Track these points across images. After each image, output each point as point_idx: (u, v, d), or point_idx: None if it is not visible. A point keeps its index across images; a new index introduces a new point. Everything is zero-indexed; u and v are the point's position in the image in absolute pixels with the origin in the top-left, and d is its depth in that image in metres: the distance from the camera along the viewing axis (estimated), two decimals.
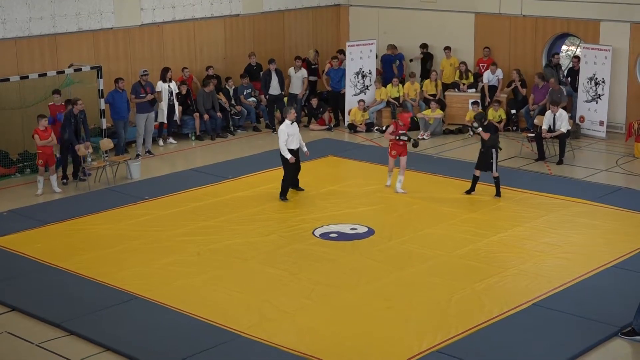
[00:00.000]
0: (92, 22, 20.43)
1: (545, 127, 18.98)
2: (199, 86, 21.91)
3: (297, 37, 24.63)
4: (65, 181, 17.96)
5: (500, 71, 22.12)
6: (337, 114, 22.93)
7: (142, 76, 19.91)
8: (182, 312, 11.83)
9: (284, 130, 16.24)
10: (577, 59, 21.80)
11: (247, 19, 23.46)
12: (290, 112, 16.34)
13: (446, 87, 22.89)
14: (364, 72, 22.78)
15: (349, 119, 22.38)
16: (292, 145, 16.29)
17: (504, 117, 21.42)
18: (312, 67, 23.81)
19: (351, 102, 22.54)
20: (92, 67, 19.29)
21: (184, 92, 21.17)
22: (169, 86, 20.68)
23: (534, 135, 19.39)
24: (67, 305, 12.14)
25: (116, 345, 10.98)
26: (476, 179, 16.59)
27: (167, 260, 13.71)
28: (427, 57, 23.83)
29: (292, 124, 16.29)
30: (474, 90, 22.44)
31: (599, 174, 18.15)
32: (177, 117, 20.99)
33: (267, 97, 22.28)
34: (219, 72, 22.53)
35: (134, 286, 12.67)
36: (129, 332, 11.35)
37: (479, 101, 21.66)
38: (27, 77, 18.55)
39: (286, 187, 16.46)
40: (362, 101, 22.28)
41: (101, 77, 19.10)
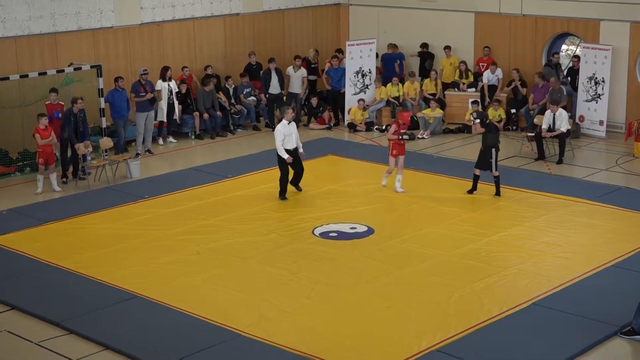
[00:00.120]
0: (92, 20, 20.43)
1: (545, 126, 18.98)
2: (198, 85, 21.91)
3: (297, 36, 24.62)
4: (65, 180, 17.96)
5: (500, 71, 22.11)
6: (337, 113, 22.93)
7: (141, 75, 19.90)
8: (182, 311, 11.83)
9: (280, 130, 16.19)
10: (577, 58, 21.80)
11: (247, 18, 23.46)
12: (287, 112, 16.29)
13: (446, 86, 22.89)
14: (363, 71, 22.77)
15: (348, 118, 22.37)
16: (289, 145, 16.22)
17: (504, 116, 21.42)
18: (311, 66, 23.81)
19: (351, 101, 22.53)
20: (92, 66, 19.29)
21: (183, 91, 21.16)
22: (169, 85, 20.68)
23: (533, 134, 19.39)
24: (67, 304, 12.14)
25: (116, 344, 10.98)
26: (477, 178, 16.60)
27: (166, 259, 13.71)
28: (427, 56, 23.84)
29: (289, 123, 16.23)
30: (473, 89, 22.44)
31: (598, 173, 18.15)
32: (176, 116, 20.99)
33: (267, 96, 22.28)
34: (218, 71, 22.53)
35: (134, 285, 12.67)
36: (129, 331, 11.35)
37: (479, 100, 21.66)
38: (27, 75, 18.54)
39: (284, 187, 16.45)
40: (362, 100, 22.28)
41: (101, 76, 19.10)
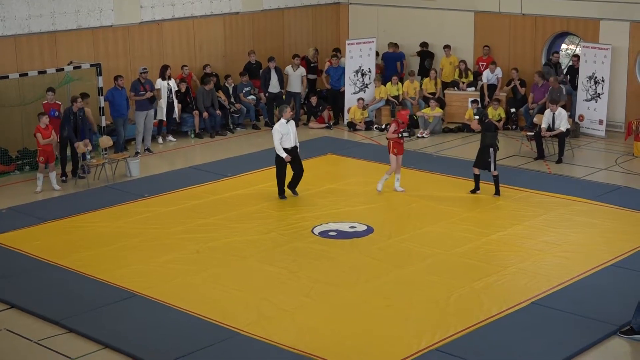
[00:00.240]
0: (92, 19, 20.42)
1: (544, 125, 18.98)
2: (198, 84, 21.91)
3: (296, 35, 24.62)
4: (64, 178, 17.95)
5: (499, 70, 22.11)
6: (337, 112, 22.92)
7: (141, 74, 19.89)
8: (181, 310, 11.83)
9: (278, 129, 16.12)
10: (576, 57, 21.80)
11: (246, 16, 23.46)
12: (286, 111, 16.22)
13: (446, 85, 22.88)
14: (363, 70, 22.77)
15: (348, 117, 22.37)
16: (287, 144, 16.12)
17: (504, 115, 21.43)
18: (311, 65, 23.81)
19: (350, 100, 22.53)
20: (92, 65, 19.29)
21: (183, 89, 21.16)
22: (168, 84, 20.67)
23: (533, 134, 19.39)
24: (66, 302, 12.14)
25: (115, 342, 10.98)
26: (477, 177, 16.60)
27: (166, 257, 13.71)
28: (426, 55, 23.83)
29: (287, 122, 16.17)
30: (473, 88, 22.44)
31: (598, 172, 18.15)
32: (176, 114, 20.99)
33: (267, 95, 22.27)
34: (218, 70, 22.53)
35: (133, 284, 12.68)
36: (128, 329, 11.35)
37: (479, 100, 21.66)
38: (26, 74, 18.54)
39: (281, 186, 16.43)
40: (362, 99, 22.27)
41: (100, 75, 19.11)
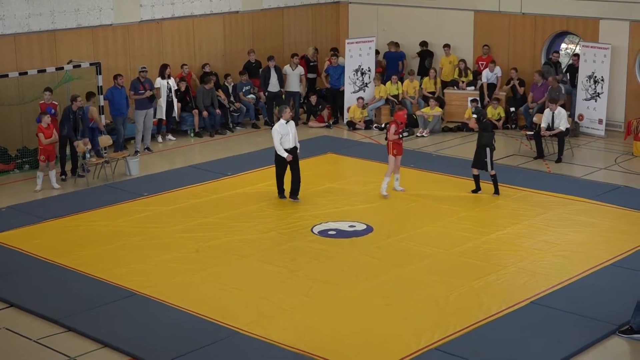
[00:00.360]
0: (91, 18, 20.42)
1: (544, 125, 18.98)
2: (197, 83, 21.90)
3: (296, 34, 24.61)
4: (64, 177, 17.95)
5: (498, 69, 22.11)
6: (336, 112, 22.91)
7: (140, 73, 19.89)
8: (181, 309, 11.83)
9: (277, 130, 15.99)
10: (576, 56, 21.80)
11: (246, 15, 23.45)
12: (285, 112, 16.09)
13: (445, 84, 22.88)
14: (363, 69, 22.77)
15: (347, 117, 22.36)
16: (286, 145, 15.99)
17: (503, 115, 21.43)
18: (311, 64, 23.81)
19: (350, 99, 22.52)
20: (91, 64, 19.29)
21: (182, 88, 21.15)
22: (168, 83, 20.67)
23: (532, 133, 19.39)
24: (66, 301, 12.14)
25: (114, 341, 10.98)
26: (477, 177, 16.59)
27: (165, 257, 13.71)
28: (426, 54, 23.83)
29: (286, 123, 16.04)
30: (473, 88, 22.44)
31: (597, 172, 18.15)
32: (175, 113, 20.99)
33: (266, 94, 22.27)
34: (217, 69, 22.52)
35: (133, 283, 12.67)
36: (128, 328, 11.35)
37: (478, 99, 21.65)
38: (26, 73, 18.54)
39: (280, 186, 16.39)
40: (361, 98, 22.27)
41: (100, 74, 19.10)
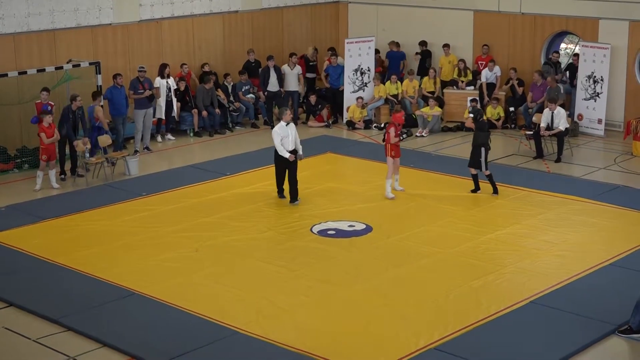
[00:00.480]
0: (91, 17, 20.42)
1: (543, 124, 18.98)
2: (196, 83, 21.90)
3: (295, 34, 24.61)
4: (63, 177, 17.95)
5: (498, 68, 22.11)
6: (336, 111, 22.91)
7: (139, 72, 19.88)
8: (180, 309, 11.84)
9: (277, 132, 15.87)
10: (577, 56, 21.79)
11: (245, 15, 23.45)
12: (286, 114, 15.97)
13: (445, 84, 22.88)
14: (362, 69, 22.77)
15: (347, 116, 22.36)
16: (286, 147, 15.85)
17: (503, 114, 21.44)
18: (310, 64, 23.80)
19: (349, 99, 22.52)
20: (91, 63, 19.29)
21: (182, 88, 21.15)
22: (167, 82, 20.66)
23: (532, 133, 19.39)
24: (65, 301, 12.14)
25: (114, 341, 10.98)
26: (475, 177, 16.59)
27: (165, 256, 13.71)
28: (425, 54, 23.83)
29: (287, 125, 15.91)
30: (472, 87, 22.44)
31: (597, 172, 18.16)
32: (175, 113, 20.98)
33: (266, 93, 22.26)
34: (217, 68, 22.52)
35: (132, 282, 12.67)
36: (127, 328, 11.35)
37: (477, 99, 21.65)
38: (25, 72, 18.54)
39: (279, 186, 16.33)
40: (361, 98, 22.27)
41: (100, 73, 19.10)
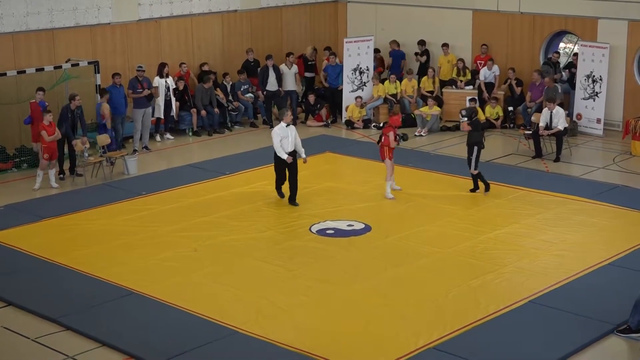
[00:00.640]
0: (90, 17, 20.41)
1: (542, 124, 18.98)
2: (195, 82, 21.89)
3: (294, 33, 24.60)
4: (62, 176, 17.94)
5: (496, 67, 22.11)
6: (335, 111, 22.90)
7: (138, 71, 19.87)
8: (179, 308, 11.83)
9: (277, 132, 15.80)
10: (576, 56, 21.77)
11: (244, 14, 23.44)
12: (286, 115, 15.90)
13: (443, 84, 22.87)
14: (361, 68, 22.76)
15: (346, 116, 22.35)
16: (286, 148, 15.77)
17: (501, 114, 21.44)
18: (309, 63, 23.80)
19: (348, 98, 22.52)
20: (90, 62, 19.28)
21: (181, 87, 21.14)
22: (166, 81, 20.65)
23: (531, 132, 19.39)
24: (64, 300, 12.14)
25: (112, 340, 10.98)
26: (474, 177, 16.59)
27: (163, 255, 13.71)
28: (424, 54, 23.82)
29: (287, 126, 15.82)
30: (471, 87, 22.44)
31: (596, 171, 18.16)
32: (174, 112, 20.97)
33: (265, 93, 22.25)
34: (216, 68, 22.50)
35: (131, 281, 12.67)
36: (126, 327, 11.35)
37: (477, 98, 21.64)
38: (24, 71, 18.52)
39: (278, 187, 16.27)
40: (360, 97, 22.27)
41: (98, 72, 19.09)
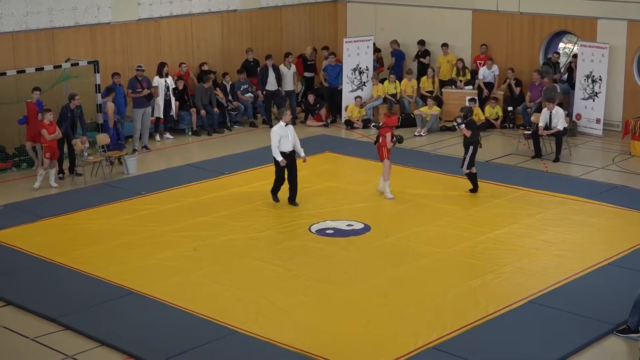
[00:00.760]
0: (89, 16, 20.40)
1: (541, 124, 18.99)
2: (195, 82, 21.89)
3: (294, 33, 24.59)
4: (61, 176, 17.94)
5: (496, 67, 22.11)
6: (334, 110, 22.90)
7: (138, 71, 19.86)
8: (178, 308, 11.84)
9: (276, 132, 15.76)
10: (576, 57, 21.77)
11: (244, 14, 23.44)
12: (285, 114, 15.88)
13: (443, 84, 22.87)
14: (360, 68, 22.76)
15: (345, 115, 22.36)
16: (285, 147, 15.76)
17: (501, 114, 21.44)
18: (308, 63, 23.80)
19: (348, 98, 22.52)
20: (89, 62, 19.27)
21: (180, 87, 21.14)
22: (166, 81, 20.65)
23: (530, 132, 19.40)
24: (63, 300, 12.14)
25: (112, 340, 10.99)
26: (473, 176, 16.59)
27: (163, 255, 13.71)
28: (424, 53, 23.82)
29: (286, 125, 15.81)
30: (470, 87, 22.44)
31: (595, 171, 18.17)
32: (173, 112, 20.97)
33: (264, 92, 22.25)
34: (216, 67, 22.50)
35: (130, 281, 12.67)
36: (125, 327, 11.36)
37: (476, 98, 21.65)
38: (24, 71, 18.51)
39: (275, 189, 16.20)
40: (359, 97, 22.27)
41: (98, 72, 19.09)
